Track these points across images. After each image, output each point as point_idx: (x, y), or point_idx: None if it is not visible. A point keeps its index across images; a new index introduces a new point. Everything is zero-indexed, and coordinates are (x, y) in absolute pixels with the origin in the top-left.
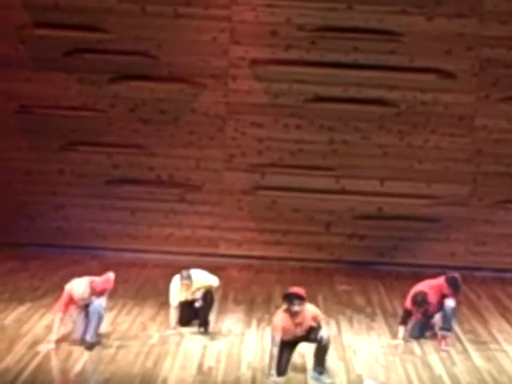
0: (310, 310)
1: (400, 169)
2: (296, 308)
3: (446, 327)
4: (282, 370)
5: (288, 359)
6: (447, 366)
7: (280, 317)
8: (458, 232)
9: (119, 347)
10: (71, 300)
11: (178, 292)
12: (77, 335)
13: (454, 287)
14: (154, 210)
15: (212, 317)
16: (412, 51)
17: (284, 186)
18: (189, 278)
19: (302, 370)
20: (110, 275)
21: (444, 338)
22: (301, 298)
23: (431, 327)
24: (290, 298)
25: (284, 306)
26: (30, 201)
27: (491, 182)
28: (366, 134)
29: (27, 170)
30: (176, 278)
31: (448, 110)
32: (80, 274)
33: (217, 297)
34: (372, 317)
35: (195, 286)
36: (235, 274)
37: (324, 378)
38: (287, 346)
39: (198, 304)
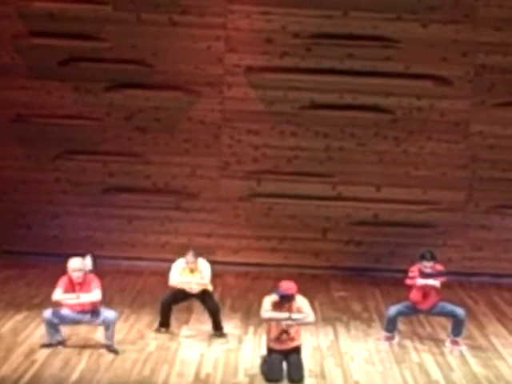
0: (299, 302)
1: (396, 175)
2: (286, 305)
3: (456, 333)
4: (276, 378)
5: (281, 364)
6: (444, 371)
7: (270, 300)
8: (454, 238)
9: (116, 355)
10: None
11: (179, 271)
12: (47, 340)
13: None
14: (151, 217)
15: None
16: (407, 58)
17: (280, 193)
18: (195, 256)
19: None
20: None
21: (455, 342)
22: (292, 298)
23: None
24: (282, 299)
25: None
26: (26, 209)
27: (487, 187)
28: (362, 140)
29: (23, 178)
30: (180, 260)
31: (444, 116)
32: None
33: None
34: (369, 323)
35: (198, 272)
36: (232, 281)
37: None
38: (276, 355)
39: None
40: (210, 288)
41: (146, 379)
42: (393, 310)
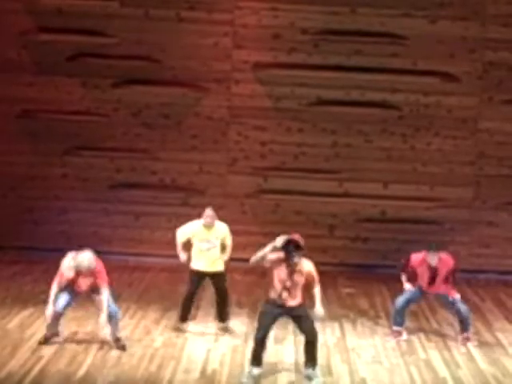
0: (306, 265)
1: (403, 172)
2: (295, 260)
3: (465, 327)
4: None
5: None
6: (451, 368)
7: (277, 256)
8: (461, 234)
9: (123, 351)
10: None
11: (192, 229)
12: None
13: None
14: (158, 214)
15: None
16: (415, 54)
17: (287, 190)
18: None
19: (296, 370)
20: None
21: (467, 338)
22: (300, 249)
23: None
24: (288, 249)
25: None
26: (33, 205)
27: (494, 184)
28: (369, 137)
29: (30, 174)
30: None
31: (451, 112)
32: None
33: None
34: (375, 320)
35: (215, 228)
36: (239, 278)
37: (315, 375)
38: (269, 320)
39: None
40: (228, 242)
41: (152, 375)
42: (400, 300)
